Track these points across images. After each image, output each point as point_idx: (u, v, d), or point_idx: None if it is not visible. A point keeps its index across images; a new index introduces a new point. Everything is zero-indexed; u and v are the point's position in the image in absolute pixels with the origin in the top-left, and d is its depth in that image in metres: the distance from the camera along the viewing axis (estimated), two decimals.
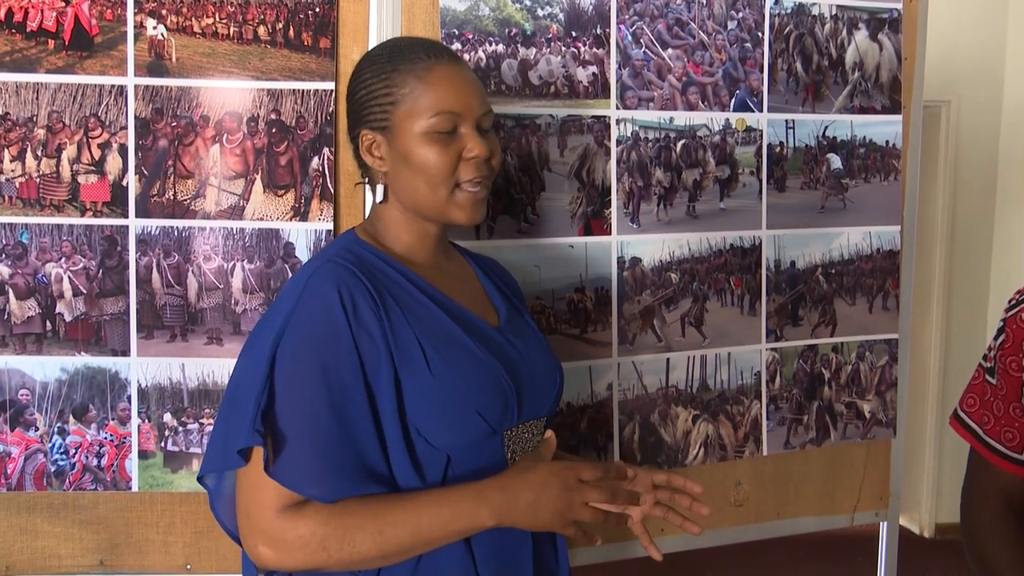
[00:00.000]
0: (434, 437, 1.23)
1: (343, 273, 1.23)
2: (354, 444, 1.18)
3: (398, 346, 1.22)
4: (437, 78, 1.28)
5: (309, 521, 1.16)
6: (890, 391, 2.14)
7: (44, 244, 1.65)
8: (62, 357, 1.67)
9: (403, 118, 1.28)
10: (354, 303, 1.20)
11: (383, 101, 1.29)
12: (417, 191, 1.29)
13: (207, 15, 1.67)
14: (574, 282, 1.85)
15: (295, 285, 1.25)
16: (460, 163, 1.28)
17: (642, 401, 1.92)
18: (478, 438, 1.26)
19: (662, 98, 1.89)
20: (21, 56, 1.62)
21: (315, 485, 1.16)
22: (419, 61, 1.28)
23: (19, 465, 1.67)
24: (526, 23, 1.79)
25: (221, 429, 1.22)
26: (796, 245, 2.04)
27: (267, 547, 1.17)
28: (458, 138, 1.28)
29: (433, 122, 1.26)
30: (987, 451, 1.41)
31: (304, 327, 1.19)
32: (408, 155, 1.28)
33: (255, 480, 1.17)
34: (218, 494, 1.27)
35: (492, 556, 1.26)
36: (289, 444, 1.16)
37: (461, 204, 1.30)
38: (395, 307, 1.24)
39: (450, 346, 1.26)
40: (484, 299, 1.42)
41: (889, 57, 2.07)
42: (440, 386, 1.23)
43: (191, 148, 1.66)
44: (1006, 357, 1.39)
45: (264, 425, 1.16)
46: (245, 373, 1.21)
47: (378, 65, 1.31)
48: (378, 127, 1.30)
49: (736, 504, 2.04)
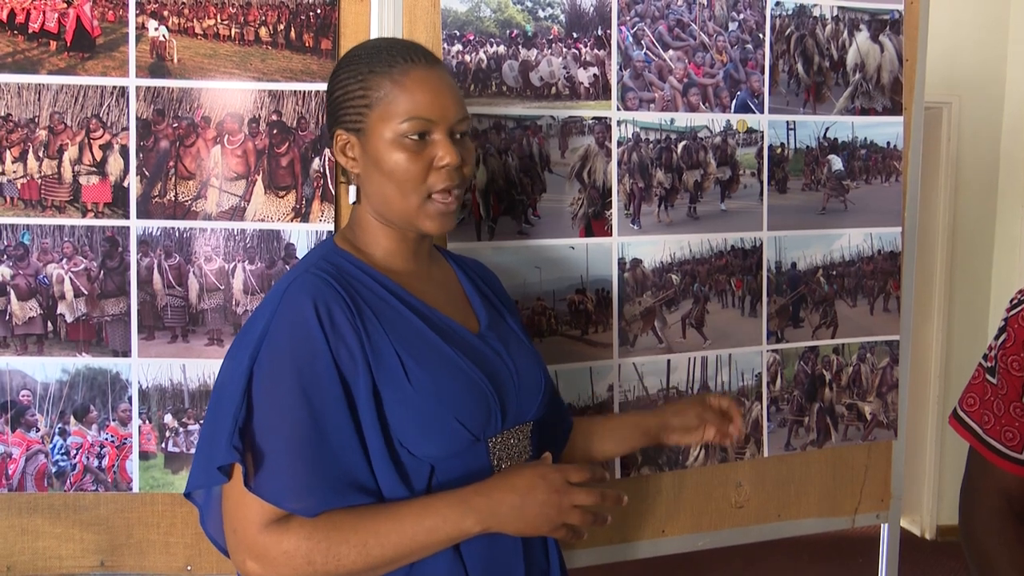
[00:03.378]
0: (416, 447, 1.23)
1: (320, 285, 1.22)
2: (335, 457, 1.17)
3: (376, 357, 1.21)
4: (412, 82, 1.26)
5: (293, 536, 1.16)
6: (891, 392, 2.14)
7: (45, 245, 1.65)
8: (63, 358, 1.67)
9: (376, 121, 1.26)
10: (331, 315, 1.20)
11: (358, 103, 1.28)
12: (387, 196, 1.28)
13: (208, 16, 1.67)
14: (575, 283, 1.85)
15: (273, 296, 1.24)
16: (431, 171, 1.27)
17: (643, 402, 1.92)
18: (461, 447, 1.25)
19: (663, 99, 1.89)
20: (23, 57, 1.62)
21: (296, 499, 1.16)
22: (396, 64, 1.27)
23: (20, 466, 1.67)
24: (527, 24, 1.80)
25: (204, 445, 1.23)
26: (797, 246, 2.04)
27: (254, 562, 1.17)
28: (430, 144, 1.27)
29: (404, 127, 1.25)
30: (987, 450, 1.41)
31: (281, 341, 1.19)
32: (379, 159, 1.26)
33: (238, 496, 1.17)
34: (207, 509, 1.27)
35: (482, 563, 1.25)
36: (268, 459, 1.16)
37: (430, 213, 1.28)
38: (372, 317, 1.24)
39: (429, 355, 1.25)
40: (465, 304, 1.41)
41: (890, 58, 2.07)
42: (419, 396, 1.22)
43: (192, 149, 1.67)
44: (1007, 357, 1.39)
45: (243, 440, 1.16)
46: (224, 388, 1.21)
47: (355, 66, 1.29)
48: (352, 128, 1.29)
49: (737, 506, 2.04)
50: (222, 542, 1.25)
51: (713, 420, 1.56)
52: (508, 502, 1.20)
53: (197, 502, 1.28)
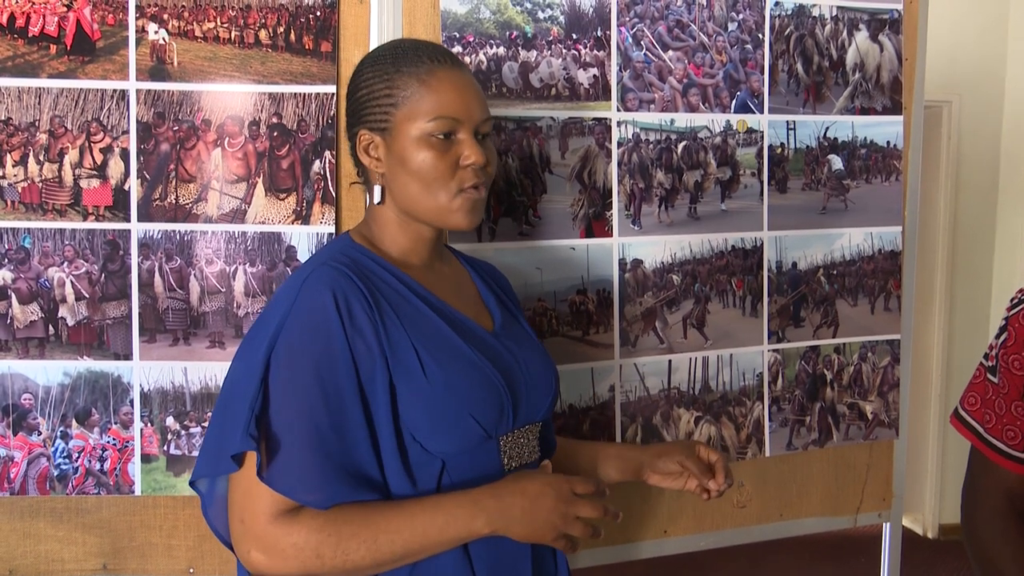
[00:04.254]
0: (429, 442, 1.23)
1: (338, 277, 1.22)
2: (349, 450, 1.18)
3: (393, 350, 1.21)
4: (439, 82, 1.28)
5: (303, 528, 1.15)
6: (892, 392, 2.14)
7: (46, 248, 1.65)
8: (65, 361, 1.67)
9: (403, 120, 1.27)
10: (349, 307, 1.20)
11: (384, 102, 1.28)
12: (414, 195, 1.29)
13: (208, 19, 1.67)
14: (576, 284, 1.85)
15: (290, 288, 1.24)
16: (457, 169, 1.28)
17: (644, 403, 1.92)
18: (473, 443, 1.26)
19: (663, 100, 1.89)
20: (23, 61, 1.62)
21: (309, 491, 1.16)
22: (422, 64, 1.28)
23: (22, 469, 1.67)
24: (527, 26, 1.80)
25: (215, 433, 1.22)
26: (798, 246, 2.04)
27: (260, 553, 1.16)
28: (456, 144, 1.28)
29: (432, 126, 1.26)
30: (988, 449, 1.41)
31: (299, 331, 1.19)
32: (405, 158, 1.28)
33: (249, 486, 1.17)
34: (210, 499, 1.26)
35: (489, 563, 1.25)
36: (283, 450, 1.16)
37: (458, 209, 1.29)
38: (390, 311, 1.24)
39: (445, 350, 1.26)
40: (479, 303, 1.41)
41: (890, 58, 2.07)
42: (435, 390, 1.22)
43: (193, 152, 1.67)
44: (1008, 355, 1.39)
45: (258, 430, 1.15)
46: (239, 377, 1.21)
47: (381, 65, 1.30)
48: (377, 128, 1.30)
49: (739, 506, 2.04)
50: (224, 532, 1.24)
51: (695, 471, 1.49)
52: (518, 506, 1.20)
53: (200, 491, 1.27)
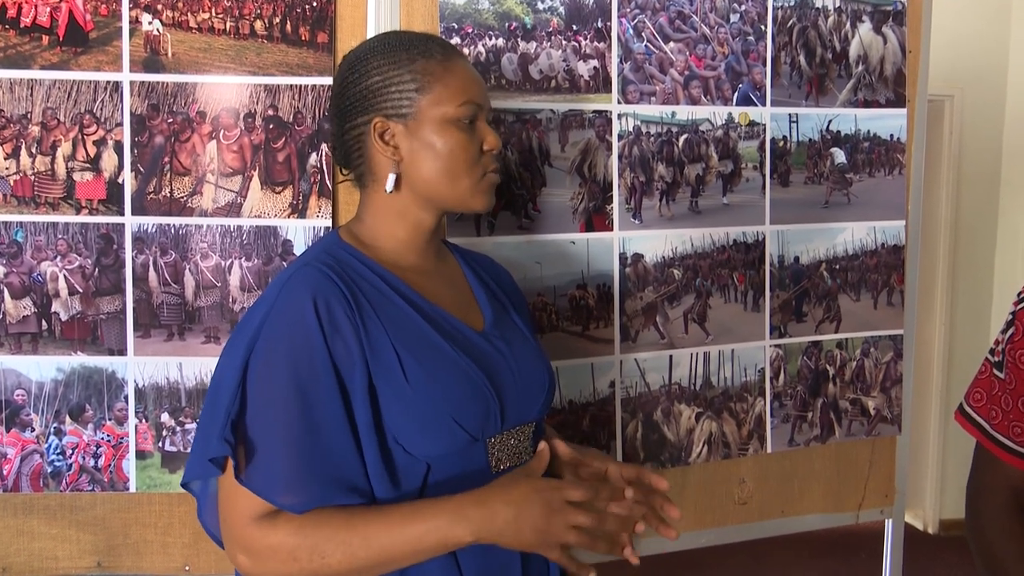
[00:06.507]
0: (412, 446, 1.21)
1: (319, 278, 1.21)
2: (328, 454, 1.16)
3: (373, 353, 1.20)
4: (460, 69, 1.30)
5: (280, 531, 1.15)
6: (895, 387, 2.12)
7: (39, 243, 1.63)
8: (58, 357, 1.65)
9: (429, 105, 1.27)
10: (329, 309, 1.18)
11: (406, 88, 1.27)
12: (437, 179, 1.29)
13: (203, 10, 1.65)
14: (576, 279, 1.83)
15: (272, 290, 1.24)
16: (482, 154, 1.31)
17: (645, 399, 1.90)
18: (458, 447, 1.23)
19: (664, 92, 1.87)
20: (15, 52, 1.60)
21: (286, 494, 1.15)
22: (435, 53, 1.29)
23: (15, 466, 1.65)
24: (526, 16, 1.77)
25: (200, 436, 1.22)
26: (800, 240, 2.02)
27: (243, 555, 1.16)
28: (476, 130, 1.31)
29: (461, 111, 1.28)
30: (994, 446, 1.40)
31: (277, 334, 1.18)
32: (432, 142, 1.28)
33: (231, 488, 1.16)
34: (204, 499, 1.26)
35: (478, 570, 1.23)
36: (259, 453, 1.15)
37: (482, 191, 1.32)
38: (371, 312, 1.22)
39: (427, 353, 1.24)
40: (470, 301, 1.39)
41: (893, 50, 2.05)
42: (416, 393, 1.20)
43: (187, 145, 1.65)
44: (1016, 351, 1.37)
45: (236, 434, 1.15)
46: (221, 380, 1.21)
47: (392, 53, 1.29)
48: (396, 114, 1.28)
49: (740, 502, 2.03)
50: (218, 534, 1.24)
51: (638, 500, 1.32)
52: (503, 515, 1.16)
53: (195, 492, 1.27)
